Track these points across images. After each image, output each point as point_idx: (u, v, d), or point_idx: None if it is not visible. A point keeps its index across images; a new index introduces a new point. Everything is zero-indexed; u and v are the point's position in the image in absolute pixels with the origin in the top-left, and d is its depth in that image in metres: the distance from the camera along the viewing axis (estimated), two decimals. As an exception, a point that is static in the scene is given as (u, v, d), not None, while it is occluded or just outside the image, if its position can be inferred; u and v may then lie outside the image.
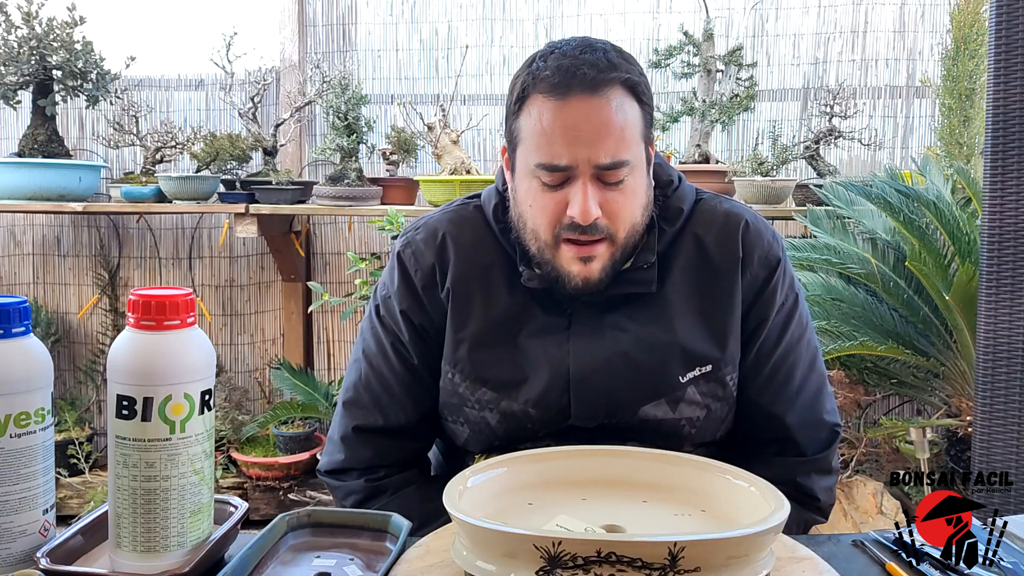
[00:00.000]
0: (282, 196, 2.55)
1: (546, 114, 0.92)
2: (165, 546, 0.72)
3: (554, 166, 0.92)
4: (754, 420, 1.05)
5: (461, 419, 1.04)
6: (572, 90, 0.90)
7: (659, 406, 0.99)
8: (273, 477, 2.68)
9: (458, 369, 1.02)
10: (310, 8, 3.00)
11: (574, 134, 0.91)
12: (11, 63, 2.47)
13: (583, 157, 0.91)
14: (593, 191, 0.92)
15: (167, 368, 0.72)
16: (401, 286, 1.05)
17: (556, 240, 0.96)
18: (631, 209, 0.96)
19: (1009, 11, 1.54)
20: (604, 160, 0.91)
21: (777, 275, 1.03)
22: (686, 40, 2.52)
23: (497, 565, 0.65)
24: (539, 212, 0.96)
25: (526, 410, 1.00)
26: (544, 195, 0.95)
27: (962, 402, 2.19)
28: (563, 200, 0.94)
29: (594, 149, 0.91)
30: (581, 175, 0.92)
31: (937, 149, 2.63)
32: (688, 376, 0.99)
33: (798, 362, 1.04)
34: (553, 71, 0.92)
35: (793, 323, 1.04)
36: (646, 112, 0.96)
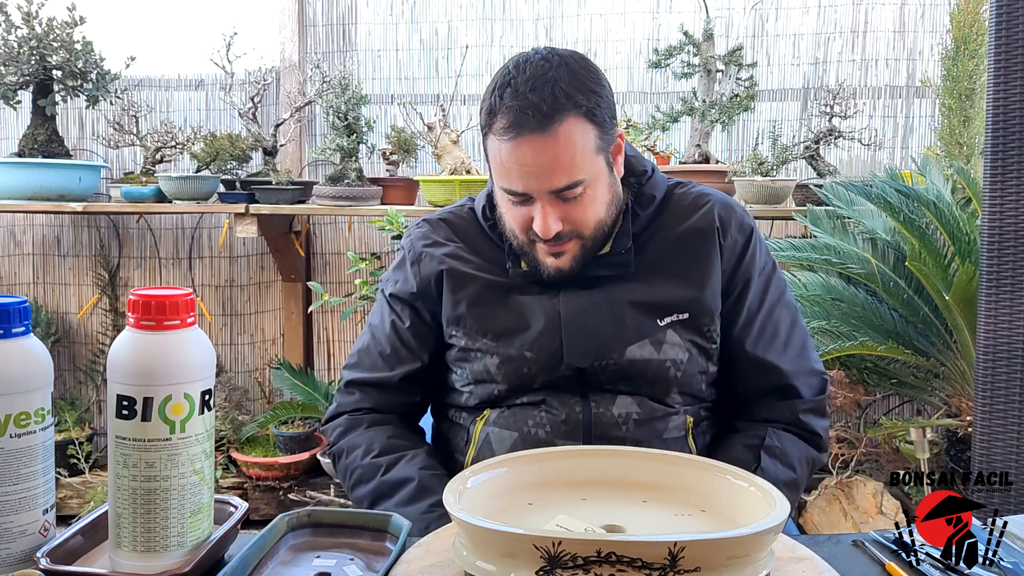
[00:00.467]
0: (282, 196, 2.55)
1: (503, 151, 1.02)
2: (165, 546, 0.72)
3: (513, 191, 1.05)
4: (755, 373, 1.14)
5: (467, 371, 1.14)
6: (521, 132, 1.00)
7: (644, 347, 1.08)
8: (273, 477, 2.68)
9: (460, 325, 1.14)
10: (310, 8, 3.00)
11: (526, 170, 1.02)
12: (11, 63, 2.47)
13: (536, 187, 1.03)
14: (552, 209, 1.04)
15: (167, 368, 0.72)
16: (399, 267, 1.22)
17: (530, 241, 1.09)
18: (592, 214, 1.07)
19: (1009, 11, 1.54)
20: (557, 186, 1.03)
21: (754, 241, 1.15)
22: (686, 40, 2.52)
23: (497, 565, 0.65)
24: (513, 222, 1.10)
25: (522, 353, 1.10)
26: (513, 209, 1.08)
27: (962, 402, 2.19)
28: (528, 215, 1.07)
29: (545, 180, 1.02)
30: (539, 199, 1.04)
31: (937, 149, 2.63)
32: (667, 320, 1.10)
33: (782, 318, 1.16)
34: (505, 112, 1.01)
35: (773, 284, 1.16)
36: (601, 128, 1.04)
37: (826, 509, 2.25)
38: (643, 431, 1.07)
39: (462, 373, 1.15)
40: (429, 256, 1.17)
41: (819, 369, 1.17)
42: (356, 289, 2.46)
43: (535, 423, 1.09)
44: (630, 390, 1.09)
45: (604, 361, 1.08)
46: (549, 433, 1.07)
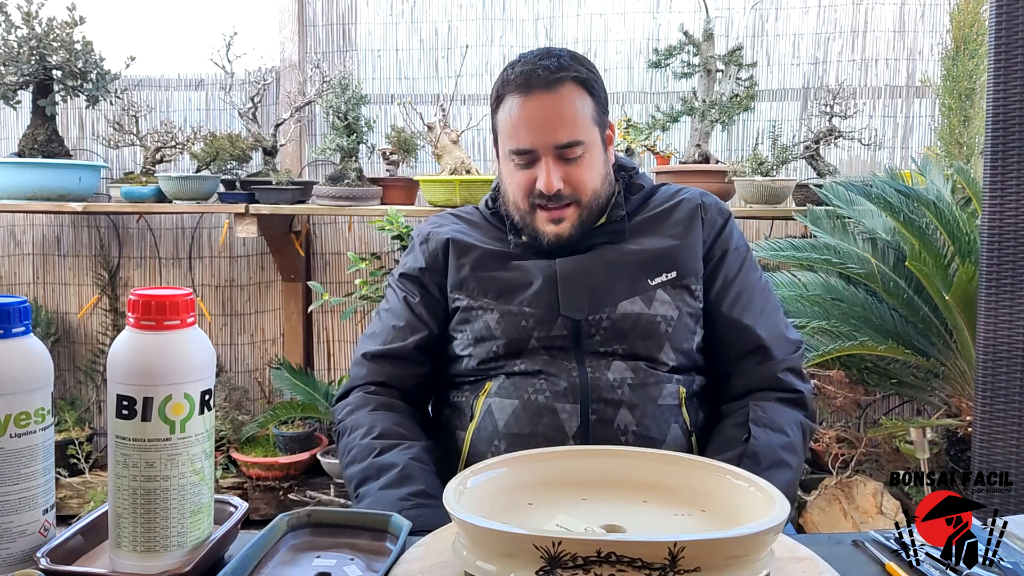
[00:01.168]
0: (282, 196, 2.55)
1: (514, 108, 1.17)
2: (165, 546, 0.72)
3: (520, 150, 1.17)
4: (731, 334, 1.22)
5: (468, 332, 1.21)
6: (532, 88, 1.15)
7: (635, 302, 1.17)
8: (273, 477, 2.68)
9: (463, 288, 1.23)
10: (310, 8, 3.00)
11: (534, 123, 1.16)
12: (11, 63, 2.47)
13: (542, 141, 1.16)
14: (555, 167, 1.16)
15: (167, 368, 0.72)
16: (409, 254, 1.33)
17: (531, 207, 1.20)
18: (590, 178, 1.19)
19: (1009, 11, 1.54)
20: (561, 140, 1.15)
21: (730, 224, 1.27)
22: (686, 40, 2.52)
23: (497, 565, 0.65)
24: (515, 187, 1.21)
25: (522, 308, 1.18)
26: (518, 173, 1.20)
27: (962, 402, 2.19)
28: (532, 176, 1.18)
29: (551, 133, 1.15)
30: (543, 155, 1.16)
31: (937, 149, 2.63)
32: (656, 280, 1.19)
33: (756, 290, 1.24)
34: (517, 75, 1.17)
35: (747, 263, 1.26)
36: (598, 102, 1.20)
37: (826, 509, 2.25)
38: (637, 395, 1.12)
39: (463, 337, 1.22)
40: (436, 234, 1.28)
41: (793, 337, 1.24)
42: (356, 289, 2.46)
43: (534, 390, 1.14)
44: (624, 350, 1.15)
45: (598, 315, 1.16)
46: (548, 398, 1.13)
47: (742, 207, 2.45)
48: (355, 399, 1.23)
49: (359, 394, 1.23)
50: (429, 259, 1.27)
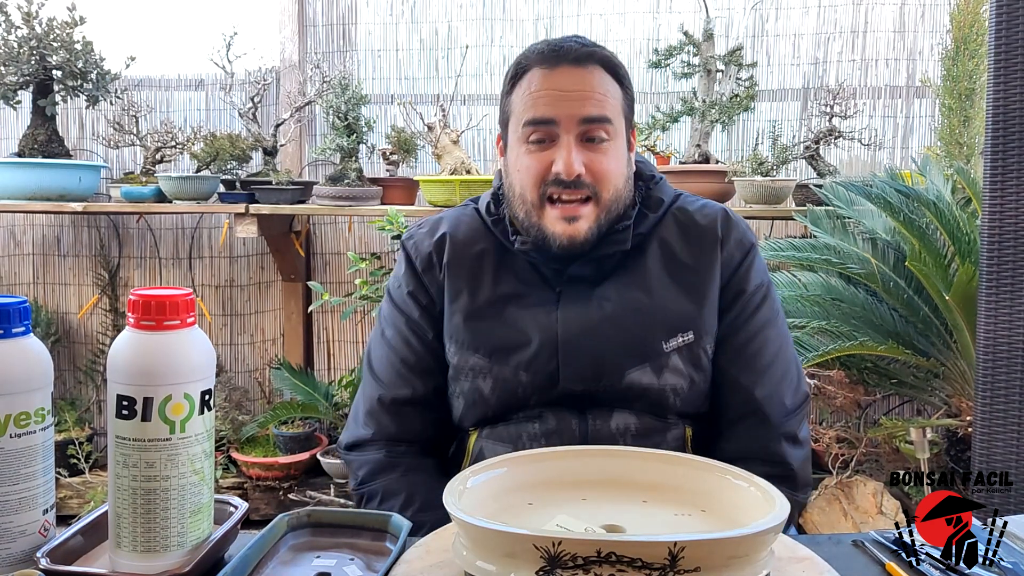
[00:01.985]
0: (282, 196, 2.55)
1: (536, 80, 1.03)
2: (165, 546, 0.72)
3: (540, 119, 1.02)
4: (725, 391, 1.09)
5: (457, 390, 1.10)
6: (560, 61, 1.03)
7: (644, 372, 1.04)
8: (273, 477, 2.68)
9: (453, 340, 1.10)
10: (310, 8, 3.00)
11: (560, 93, 1.02)
12: (11, 63, 2.47)
13: (567, 112, 1.01)
14: (577, 149, 1.01)
15: (167, 368, 0.72)
16: (407, 271, 1.15)
17: (542, 200, 1.04)
18: (614, 171, 1.04)
19: (1009, 11, 1.54)
20: (588, 113, 1.01)
21: (751, 257, 1.11)
22: (686, 40, 2.52)
23: (497, 565, 0.65)
24: (526, 173, 1.04)
25: (517, 375, 1.05)
26: (531, 156, 1.04)
27: (962, 402, 2.19)
28: (548, 159, 1.02)
29: (577, 105, 1.01)
30: (565, 133, 1.01)
31: (937, 149, 2.63)
32: (671, 344, 1.05)
33: (767, 343, 1.09)
34: (544, 47, 1.05)
35: (765, 306, 1.11)
36: (627, 94, 1.07)
37: (826, 509, 2.25)
38: (640, 443, 1.03)
39: (452, 393, 1.12)
40: (435, 267, 1.13)
41: (800, 392, 1.10)
42: (356, 289, 2.46)
43: (529, 436, 1.05)
44: (628, 409, 1.05)
45: (601, 384, 1.04)
46: (544, 446, 1.03)
47: (742, 207, 2.45)
48: (376, 459, 1.10)
49: (380, 454, 1.11)
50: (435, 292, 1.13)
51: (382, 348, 1.15)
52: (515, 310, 1.08)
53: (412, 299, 1.14)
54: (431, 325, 1.12)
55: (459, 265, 1.11)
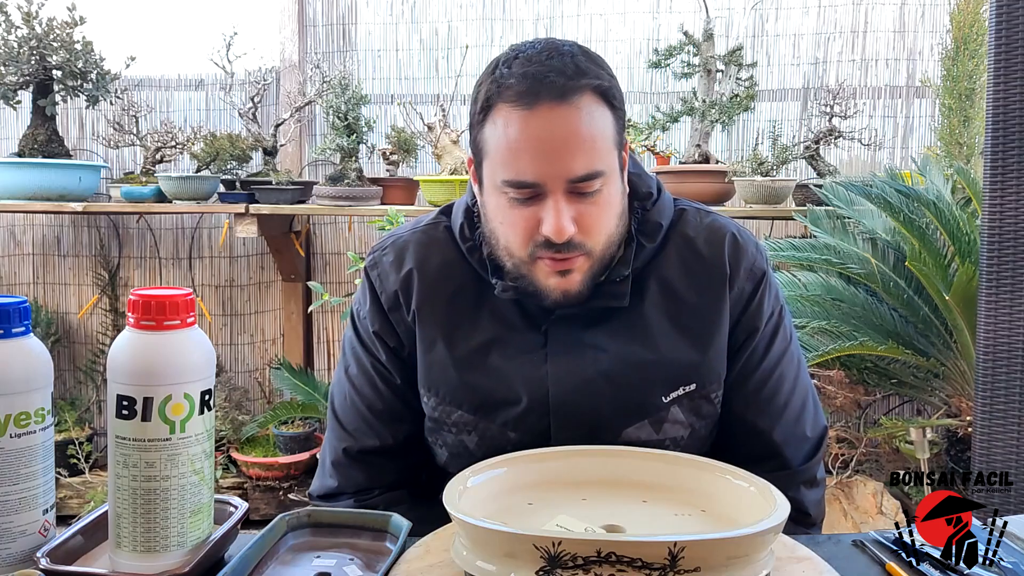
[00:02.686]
0: (282, 196, 2.55)
1: (512, 125, 0.86)
2: (165, 546, 0.72)
3: (521, 183, 0.87)
4: (739, 436, 1.01)
5: (440, 441, 1.02)
6: (540, 98, 0.85)
7: (642, 428, 0.95)
8: (273, 477, 2.68)
9: (432, 392, 0.99)
10: (310, 8, 3.00)
11: (542, 147, 0.86)
12: (11, 63, 2.47)
13: (552, 172, 0.86)
14: (566, 206, 0.87)
15: (167, 368, 0.72)
16: (372, 307, 1.03)
17: (531, 257, 0.91)
18: (606, 221, 0.91)
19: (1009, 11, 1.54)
20: (576, 172, 0.86)
21: (763, 288, 1.00)
22: (686, 40, 2.52)
23: (497, 565, 0.65)
24: (510, 230, 0.91)
25: (505, 433, 0.96)
26: (514, 212, 0.90)
27: (962, 402, 2.19)
28: (534, 217, 0.88)
29: (564, 163, 0.86)
30: (552, 191, 0.87)
31: (937, 149, 2.63)
32: (672, 396, 0.96)
33: (784, 377, 1.01)
34: (519, 78, 0.86)
35: (779, 337, 1.02)
36: (618, 117, 0.91)
37: (826, 509, 2.25)
38: None
39: (433, 443, 1.03)
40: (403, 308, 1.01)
41: (813, 435, 1.03)
42: (356, 289, 2.46)
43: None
44: None
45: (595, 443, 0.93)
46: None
47: (742, 207, 2.45)
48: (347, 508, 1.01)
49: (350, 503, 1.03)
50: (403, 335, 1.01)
51: (346, 390, 1.05)
52: (499, 359, 0.96)
53: (378, 340, 1.02)
54: (399, 369, 1.02)
55: (431, 308, 0.99)
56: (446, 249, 1.01)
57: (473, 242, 0.99)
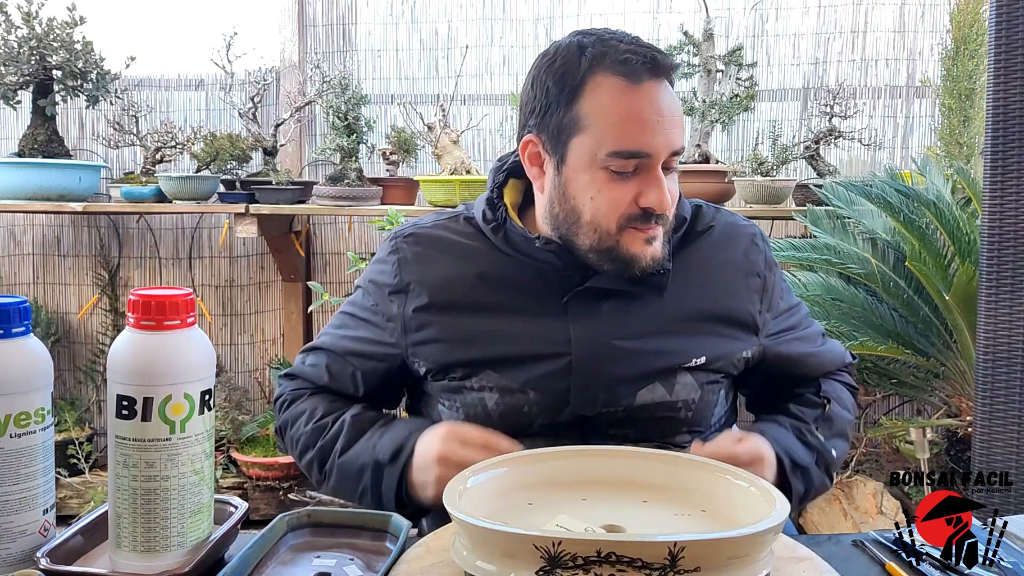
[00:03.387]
0: (282, 196, 2.55)
1: (624, 98, 0.91)
2: (165, 546, 0.72)
3: (635, 153, 0.92)
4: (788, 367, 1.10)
5: (457, 403, 1.04)
6: (647, 74, 0.91)
7: (655, 389, 1.00)
8: (273, 477, 2.68)
9: (457, 365, 1.02)
10: (310, 8, 3.00)
11: (655, 119, 0.91)
12: (11, 63, 2.47)
13: (662, 144, 0.92)
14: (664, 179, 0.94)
15: (167, 368, 0.72)
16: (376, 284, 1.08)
17: (619, 229, 0.95)
18: (677, 198, 0.99)
19: (1009, 11, 1.54)
20: (678, 146, 0.94)
21: (776, 272, 1.11)
22: (686, 40, 2.52)
23: (497, 565, 0.65)
24: (605, 204, 0.94)
25: (525, 391, 1.00)
26: (613, 186, 0.94)
27: (962, 402, 2.19)
28: (633, 190, 0.93)
29: (671, 135, 0.92)
30: (655, 164, 0.93)
31: (937, 149, 2.63)
32: (684, 365, 1.02)
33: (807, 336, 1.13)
34: (624, 53, 0.91)
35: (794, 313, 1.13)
36: None
37: (826, 509, 2.25)
38: None
39: (450, 407, 1.05)
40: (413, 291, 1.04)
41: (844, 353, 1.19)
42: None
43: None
44: (635, 434, 1.00)
45: (611, 408, 1.00)
46: None
47: (742, 207, 2.45)
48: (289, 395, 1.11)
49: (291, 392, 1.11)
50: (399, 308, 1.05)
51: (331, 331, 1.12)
52: (523, 324, 1.01)
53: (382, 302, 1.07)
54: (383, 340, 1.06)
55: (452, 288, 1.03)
56: (468, 235, 1.07)
57: (497, 221, 1.03)
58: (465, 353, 1.02)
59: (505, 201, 1.06)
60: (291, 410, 1.09)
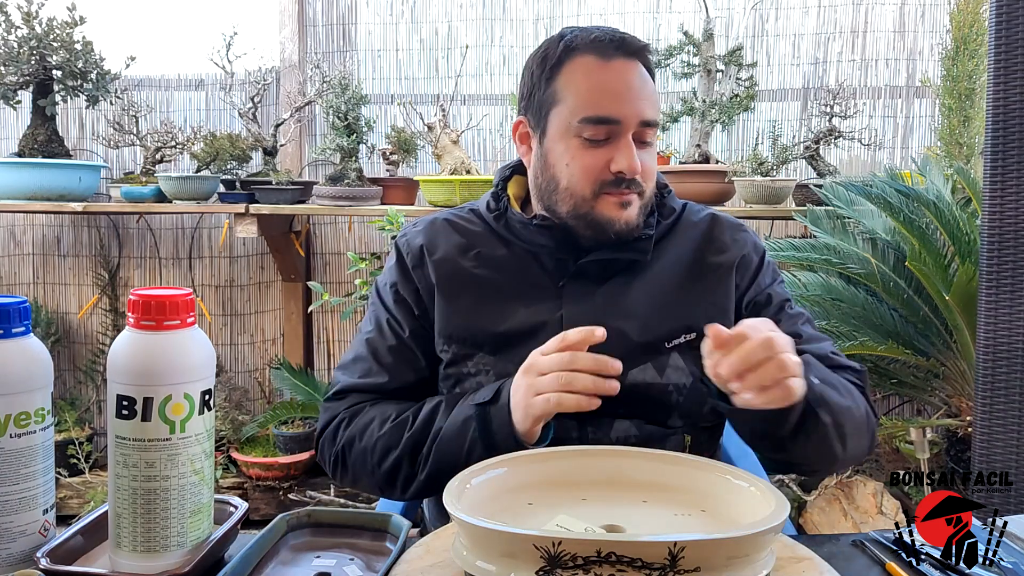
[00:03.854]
0: (282, 196, 2.55)
1: (594, 72, 1.00)
2: (165, 546, 0.72)
3: (604, 118, 0.99)
4: None
5: (458, 390, 1.07)
6: (616, 53, 1.00)
7: (646, 370, 1.03)
8: (273, 477, 2.68)
9: (453, 339, 1.07)
10: (310, 8, 3.00)
11: (623, 89, 0.99)
12: (11, 63, 2.47)
13: (630, 112, 0.99)
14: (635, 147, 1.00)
15: (167, 368, 0.72)
16: (394, 267, 1.13)
17: (594, 195, 1.02)
18: (655, 170, 1.06)
19: (1009, 11, 1.54)
20: (647, 116, 1.00)
21: (766, 261, 1.14)
22: (686, 40, 2.52)
23: (497, 565, 0.65)
24: (579, 169, 1.01)
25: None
26: (585, 153, 1.01)
27: (962, 402, 2.19)
28: (604, 156, 1.00)
29: (640, 105, 0.99)
30: (625, 131, 0.99)
31: (937, 149, 2.63)
32: (673, 342, 1.04)
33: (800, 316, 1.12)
34: (597, 36, 1.01)
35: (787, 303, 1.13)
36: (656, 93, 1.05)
37: (826, 509, 2.25)
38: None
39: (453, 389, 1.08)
40: (426, 262, 1.10)
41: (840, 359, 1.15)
42: (356, 289, 2.46)
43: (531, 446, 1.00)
44: (628, 413, 1.03)
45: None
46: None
47: (742, 207, 2.45)
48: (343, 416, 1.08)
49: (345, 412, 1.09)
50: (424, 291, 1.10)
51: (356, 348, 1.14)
52: (518, 306, 1.05)
53: (395, 294, 1.11)
54: (409, 323, 1.10)
55: (455, 261, 1.09)
56: (472, 223, 1.13)
57: (499, 211, 1.10)
58: (464, 331, 1.06)
59: (508, 193, 1.13)
60: (353, 427, 1.06)
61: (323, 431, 1.10)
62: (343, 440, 1.06)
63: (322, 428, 1.10)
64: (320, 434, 1.11)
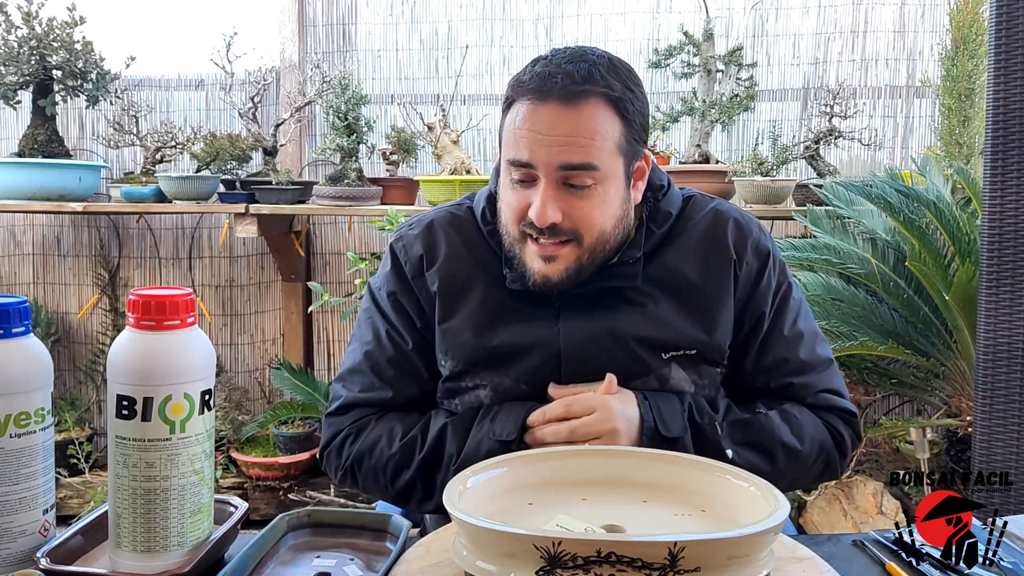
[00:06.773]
0: (282, 196, 2.55)
1: (521, 115, 0.96)
2: (165, 546, 0.72)
3: (516, 161, 0.97)
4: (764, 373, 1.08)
5: (456, 403, 1.07)
6: (548, 97, 0.95)
7: (647, 382, 1.02)
8: (273, 477, 2.68)
9: (450, 355, 1.06)
10: (310, 8, 3.00)
11: (541, 136, 0.95)
12: (11, 63, 2.47)
13: (544, 159, 0.95)
14: (555, 195, 0.96)
15: (167, 368, 0.72)
16: (392, 275, 1.11)
17: (522, 236, 1.00)
18: (598, 217, 0.98)
19: (1009, 11, 1.54)
20: (567, 160, 0.94)
21: (769, 265, 1.09)
22: (686, 40, 2.52)
23: (497, 565, 0.65)
24: (508, 209, 1.01)
25: (518, 386, 1.03)
26: (513, 192, 1.00)
27: (962, 402, 2.19)
28: (527, 200, 0.98)
29: (557, 151, 0.94)
30: (544, 177, 0.96)
31: (937, 149, 2.63)
32: (670, 354, 1.03)
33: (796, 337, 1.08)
34: (532, 78, 0.96)
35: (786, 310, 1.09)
36: (629, 127, 0.98)
37: (826, 509, 2.25)
38: None
39: (449, 404, 1.09)
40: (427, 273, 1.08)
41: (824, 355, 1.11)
42: (356, 289, 2.46)
43: None
44: None
45: None
46: None
47: (742, 207, 2.45)
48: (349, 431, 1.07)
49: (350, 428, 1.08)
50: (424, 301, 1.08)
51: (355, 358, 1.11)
52: (515, 323, 1.04)
53: (396, 305, 1.09)
54: (412, 335, 1.08)
55: (453, 274, 1.07)
56: (468, 227, 1.11)
57: (493, 226, 1.08)
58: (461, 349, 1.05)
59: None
60: (361, 443, 1.05)
61: (328, 445, 1.10)
62: (351, 457, 1.06)
63: (327, 442, 1.10)
64: (325, 447, 1.10)
